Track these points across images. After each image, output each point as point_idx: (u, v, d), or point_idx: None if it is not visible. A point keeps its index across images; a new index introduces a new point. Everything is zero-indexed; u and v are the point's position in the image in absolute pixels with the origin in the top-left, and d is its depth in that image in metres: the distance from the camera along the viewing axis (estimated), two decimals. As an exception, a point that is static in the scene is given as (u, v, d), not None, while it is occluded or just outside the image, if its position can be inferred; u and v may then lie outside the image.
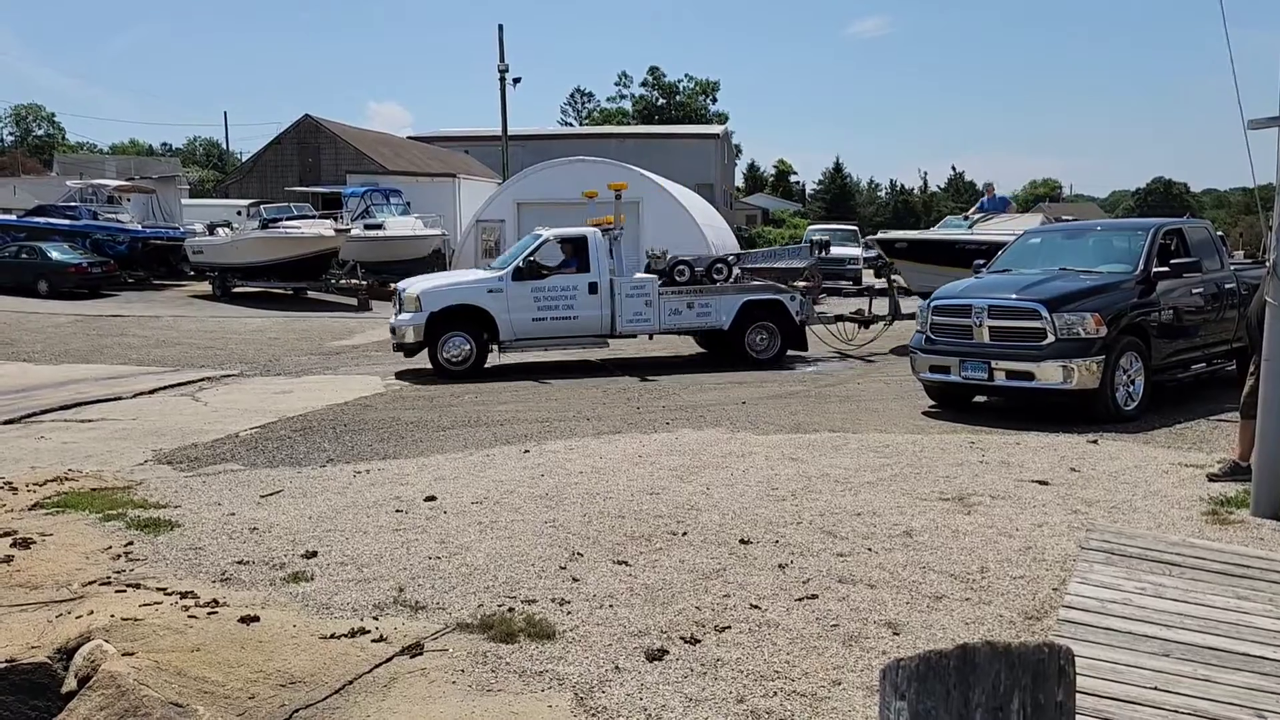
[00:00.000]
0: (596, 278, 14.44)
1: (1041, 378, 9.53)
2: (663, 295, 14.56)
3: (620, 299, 14.46)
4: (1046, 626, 4.58)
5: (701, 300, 14.65)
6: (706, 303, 14.66)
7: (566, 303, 14.38)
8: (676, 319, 14.67)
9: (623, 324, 14.56)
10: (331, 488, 7.56)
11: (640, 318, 14.54)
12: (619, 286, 14.49)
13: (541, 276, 14.37)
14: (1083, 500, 6.72)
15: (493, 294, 14.29)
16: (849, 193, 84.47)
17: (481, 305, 14.26)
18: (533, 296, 14.30)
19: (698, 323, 14.82)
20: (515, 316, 14.29)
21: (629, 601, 4.99)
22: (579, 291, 14.40)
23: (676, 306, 14.60)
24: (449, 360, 14.14)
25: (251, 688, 4.17)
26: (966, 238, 17.36)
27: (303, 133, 41.95)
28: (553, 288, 14.38)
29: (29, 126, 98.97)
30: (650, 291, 14.53)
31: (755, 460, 8.10)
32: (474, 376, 13.90)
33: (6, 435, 10.21)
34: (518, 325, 14.32)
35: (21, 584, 5.49)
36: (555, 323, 14.42)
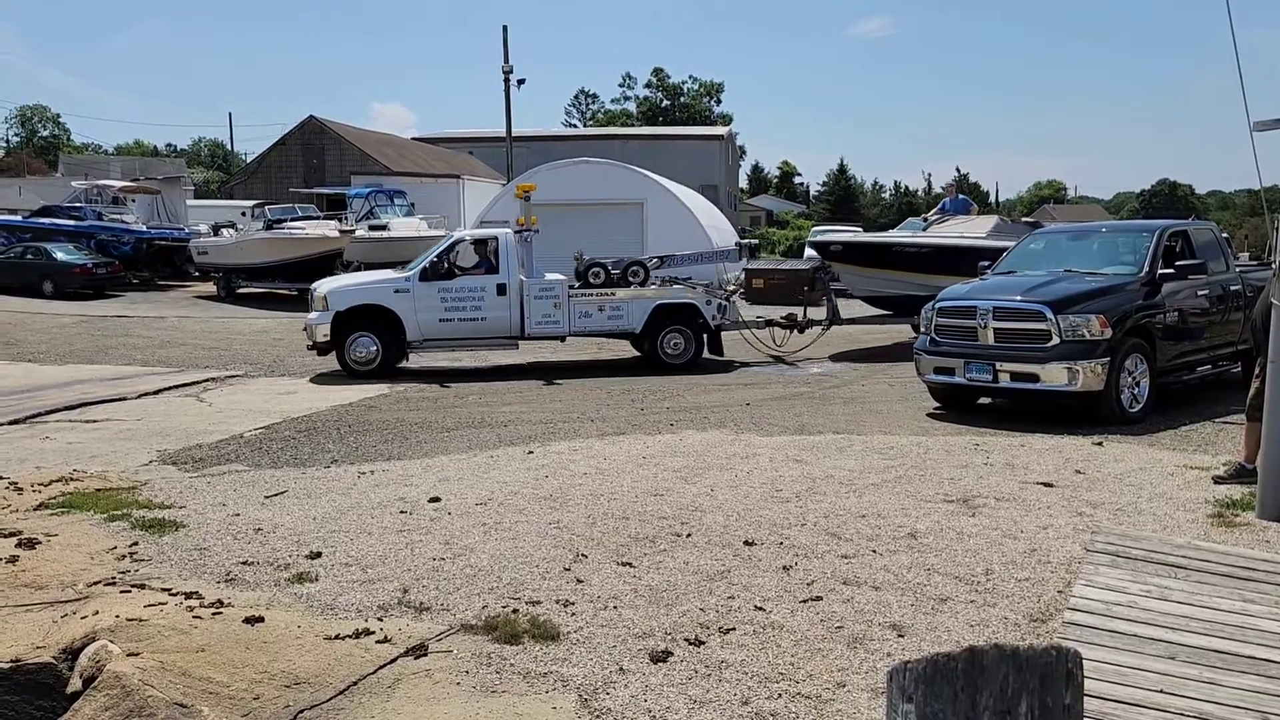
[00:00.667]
0: (505, 279, 14.28)
1: (1046, 379, 9.52)
2: (572, 298, 14.45)
3: (529, 301, 14.31)
4: (1051, 629, 4.57)
5: (613, 303, 14.49)
6: (618, 306, 14.50)
7: (474, 304, 14.25)
8: (587, 321, 14.52)
9: (531, 326, 14.41)
10: (336, 488, 7.56)
11: (549, 320, 14.36)
12: (528, 288, 14.37)
13: (450, 277, 14.31)
14: (1088, 502, 6.71)
15: (399, 294, 14.18)
16: (853, 194, 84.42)
17: (387, 305, 14.14)
18: (440, 297, 14.20)
19: (609, 326, 14.66)
20: (422, 317, 14.17)
21: (633, 603, 4.99)
22: (487, 293, 14.27)
23: (587, 309, 14.46)
24: (355, 361, 14.09)
25: (256, 688, 4.17)
26: (903, 240, 17.09)
27: (307, 134, 42.01)
28: (460, 288, 14.27)
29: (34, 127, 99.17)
30: (560, 294, 14.40)
31: (760, 462, 8.09)
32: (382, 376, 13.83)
33: (12, 435, 10.23)
34: (425, 326, 14.22)
35: (27, 584, 5.49)
36: (463, 324, 14.29)
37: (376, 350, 14.07)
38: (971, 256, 16.08)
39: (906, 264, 16.21)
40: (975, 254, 16.12)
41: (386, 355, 14.12)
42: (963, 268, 16.06)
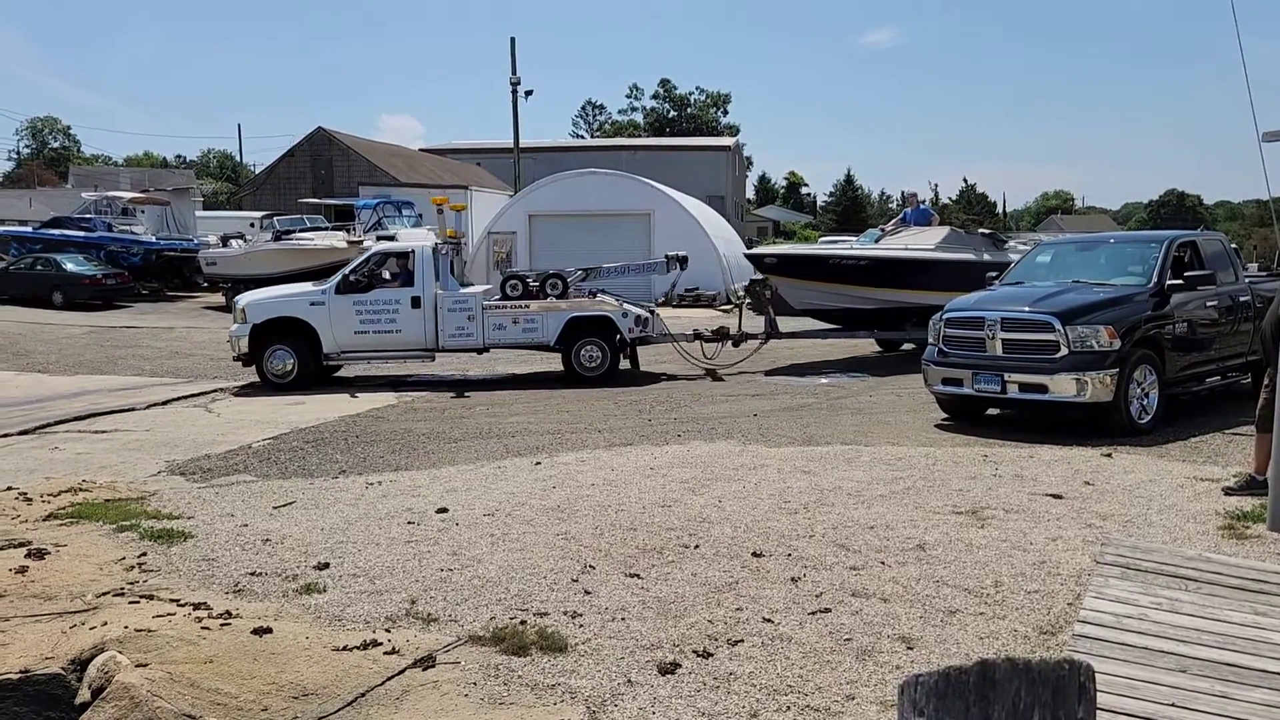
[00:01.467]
0: (419, 292, 14.28)
1: (1055, 390, 9.49)
2: (487, 311, 14.42)
3: (443, 314, 14.32)
4: (1061, 642, 4.55)
5: (527, 316, 14.44)
6: (532, 318, 14.45)
7: (389, 317, 14.28)
8: (501, 334, 14.51)
9: (445, 339, 14.44)
10: (344, 499, 7.57)
11: (463, 333, 14.39)
12: (442, 301, 14.34)
13: (366, 290, 14.36)
14: (1097, 514, 6.68)
15: (315, 307, 14.27)
16: (860, 204, 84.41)
17: (303, 318, 14.23)
18: (355, 310, 14.24)
19: (524, 339, 14.63)
20: (338, 329, 14.24)
21: (641, 614, 4.98)
22: (402, 306, 14.29)
23: (501, 322, 14.45)
24: (273, 373, 14.18)
25: (264, 699, 4.17)
26: (840, 253, 16.83)
27: (316, 145, 42.22)
28: (375, 301, 14.30)
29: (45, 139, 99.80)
30: (473, 307, 14.39)
31: (767, 473, 8.08)
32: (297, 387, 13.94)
33: (21, 446, 10.27)
34: (340, 338, 14.30)
35: (36, 594, 5.50)
36: (378, 336, 14.36)
37: (293, 363, 14.16)
38: (913, 269, 15.99)
39: (844, 277, 15.91)
40: (917, 266, 16.00)
41: (303, 368, 14.17)
42: (907, 280, 15.85)
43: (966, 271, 15.86)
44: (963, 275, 15.80)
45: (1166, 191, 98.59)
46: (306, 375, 14.23)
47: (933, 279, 15.81)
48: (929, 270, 15.92)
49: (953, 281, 15.80)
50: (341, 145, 42.10)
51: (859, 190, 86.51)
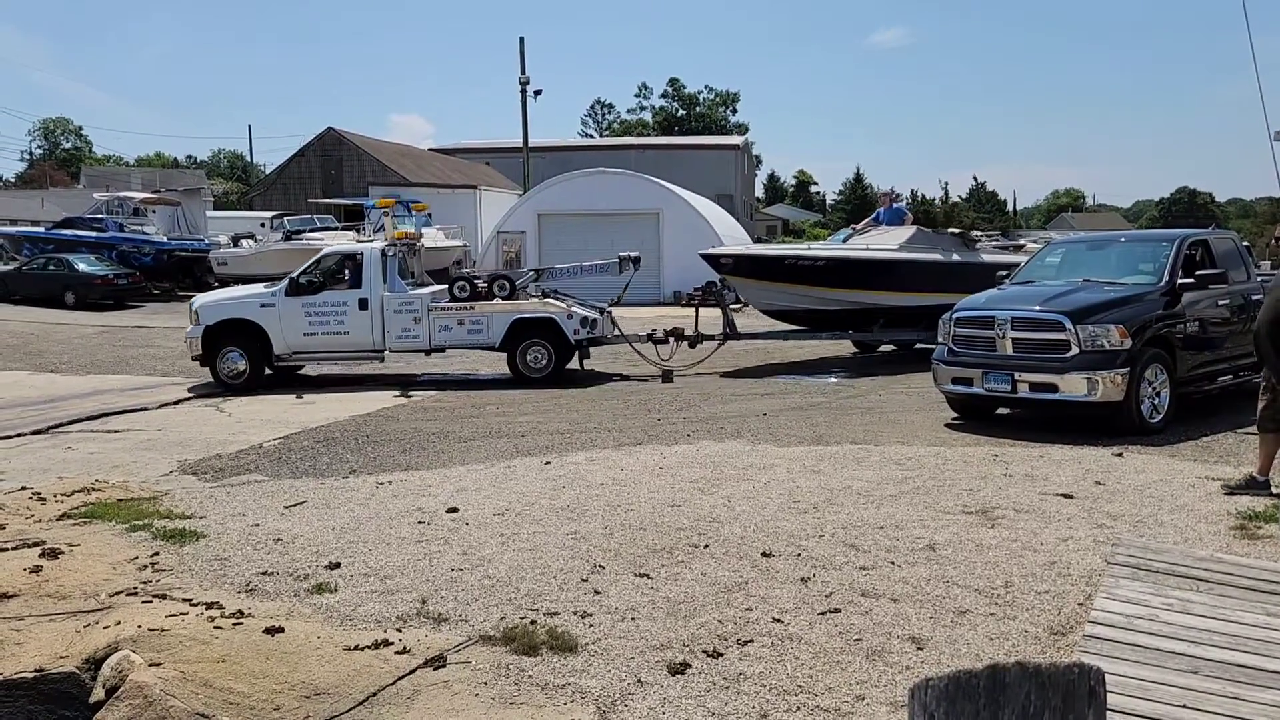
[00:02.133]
0: (367, 294, 14.44)
1: (1066, 390, 9.46)
2: (433, 312, 14.50)
3: (389, 315, 14.45)
4: (1072, 642, 4.54)
5: (473, 317, 14.49)
6: (478, 320, 14.49)
7: (338, 318, 14.44)
8: (447, 335, 14.59)
9: (391, 340, 14.58)
10: (354, 499, 7.60)
11: (409, 334, 14.53)
12: (388, 303, 14.47)
13: (315, 292, 14.51)
14: (1108, 514, 6.67)
15: (265, 309, 14.47)
16: (870, 203, 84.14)
17: (254, 319, 14.43)
18: (304, 311, 14.42)
19: (469, 340, 14.68)
20: (287, 331, 14.42)
21: (651, 614, 4.99)
22: (350, 307, 14.44)
23: (447, 323, 14.52)
24: (225, 375, 14.37)
25: (276, 699, 4.19)
26: (796, 253, 16.56)
27: (326, 145, 42.33)
28: (324, 303, 14.46)
29: (57, 139, 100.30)
30: (419, 308, 14.49)
31: (777, 473, 8.08)
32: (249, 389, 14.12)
33: (35, 445, 10.33)
34: (290, 340, 14.49)
35: (50, 594, 5.54)
36: (327, 338, 14.54)
37: (245, 364, 14.36)
38: (876, 269, 15.76)
39: (803, 278, 15.72)
40: (879, 266, 15.78)
41: (254, 369, 14.38)
42: (871, 281, 15.63)
43: (933, 272, 15.76)
44: (929, 276, 15.72)
45: (1178, 189, 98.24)
46: (258, 376, 14.43)
47: (897, 279, 15.64)
48: (893, 270, 15.73)
49: (919, 282, 15.64)
50: (351, 145, 42.20)
51: (868, 189, 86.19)
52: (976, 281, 15.86)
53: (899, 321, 16.16)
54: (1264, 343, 7.22)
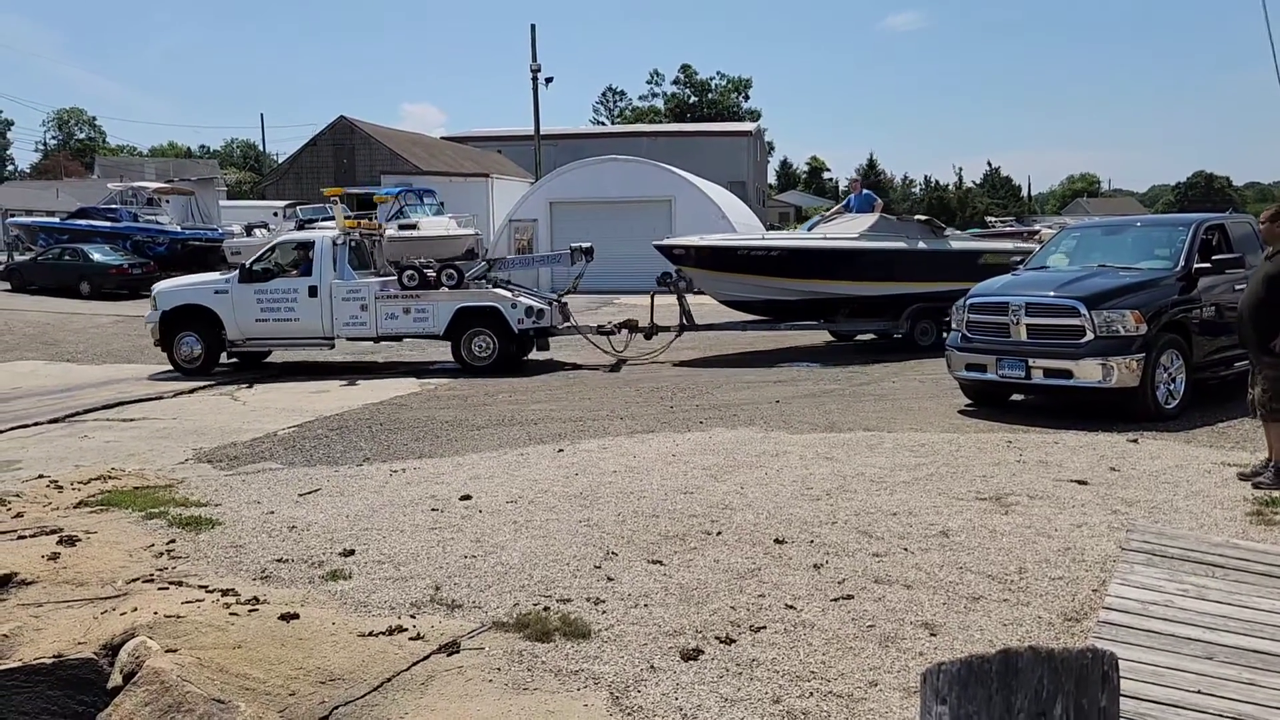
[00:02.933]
0: (317, 281, 14.63)
1: (1080, 376, 9.41)
2: (379, 300, 14.65)
3: (337, 303, 14.64)
4: (1086, 628, 4.53)
5: (419, 306, 14.63)
6: (423, 308, 14.62)
7: (288, 305, 14.67)
8: (393, 323, 14.72)
9: (339, 328, 14.77)
10: (368, 486, 7.63)
11: (357, 321, 14.70)
12: (336, 290, 14.64)
13: (268, 279, 14.77)
14: (1123, 500, 6.64)
15: (219, 295, 14.76)
16: (882, 189, 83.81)
17: (208, 305, 14.75)
18: (256, 298, 14.67)
19: (415, 328, 14.79)
20: (240, 317, 14.70)
21: (664, 601, 5.00)
22: (300, 295, 14.66)
23: (393, 311, 14.64)
24: (182, 359, 14.75)
25: (292, 684, 4.22)
26: (748, 243, 16.34)
27: (338, 134, 42.38)
28: (275, 290, 14.71)
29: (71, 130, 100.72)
30: (366, 296, 14.65)
31: (789, 459, 8.07)
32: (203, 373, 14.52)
33: (52, 434, 10.41)
34: (243, 326, 14.77)
35: (68, 581, 5.59)
36: (278, 324, 14.79)
37: (200, 349, 14.72)
38: (834, 258, 15.55)
39: (759, 268, 15.55)
40: (838, 255, 15.57)
41: (209, 354, 14.78)
42: (831, 270, 15.44)
43: (897, 260, 15.60)
44: (893, 264, 15.58)
45: (1194, 173, 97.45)
46: (213, 362, 14.80)
47: (858, 268, 15.47)
48: (853, 260, 15.54)
49: (882, 271, 15.51)
50: (363, 134, 42.24)
51: (881, 175, 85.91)
52: (944, 270, 15.62)
53: (864, 311, 16.02)
54: (1246, 327, 7.16)
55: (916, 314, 15.63)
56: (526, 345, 15.17)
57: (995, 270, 15.88)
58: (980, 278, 15.70)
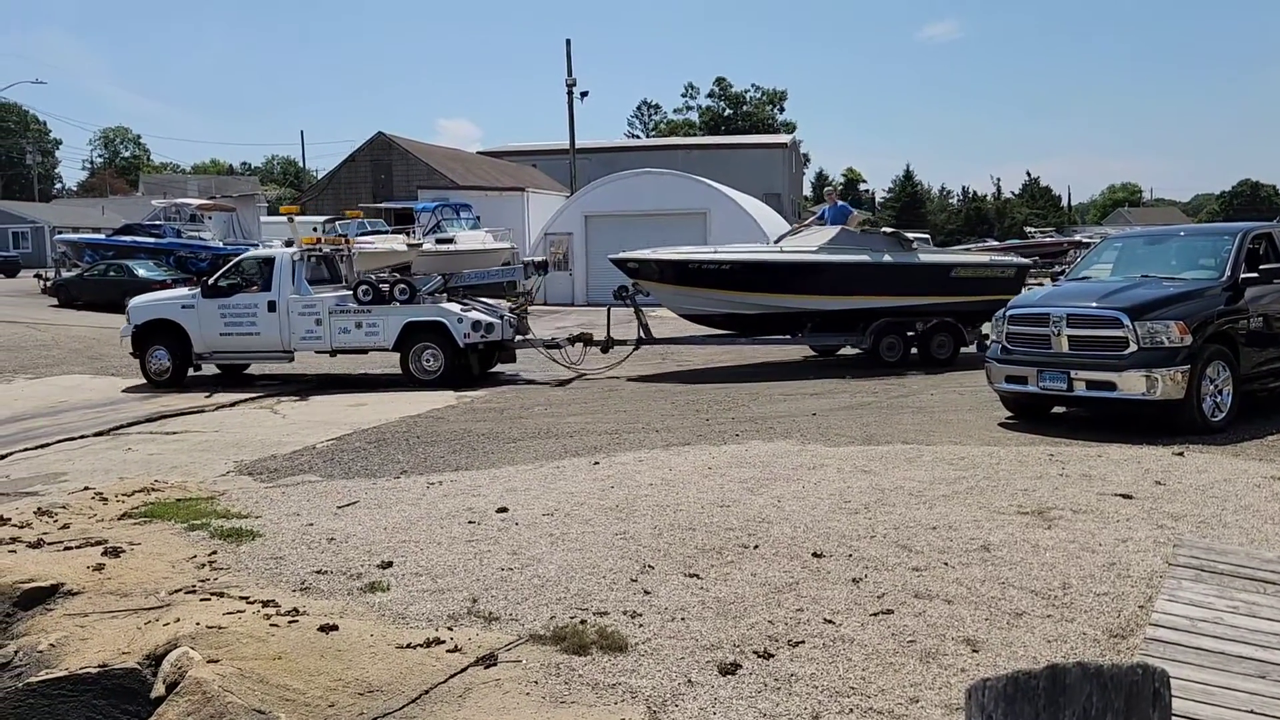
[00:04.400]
0: (275, 296, 14.96)
1: (1124, 388, 9.27)
2: (333, 314, 14.91)
3: (293, 317, 14.95)
4: (1133, 645, 4.44)
5: (370, 320, 14.84)
6: (374, 322, 14.83)
7: (250, 319, 15.05)
8: (346, 337, 14.97)
9: (295, 341, 15.08)
10: (405, 499, 7.67)
11: (312, 335, 15.02)
12: (292, 305, 14.95)
13: (230, 294, 15.15)
14: (1169, 515, 6.51)
15: (186, 309, 15.20)
16: (919, 200, 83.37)
17: (176, 320, 15.16)
18: (220, 313, 15.07)
19: (366, 341, 15.02)
20: (205, 331, 15.10)
21: (701, 614, 4.97)
22: (260, 309, 15.01)
23: (346, 325, 14.90)
24: (152, 372, 15.18)
25: (331, 695, 4.24)
26: (700, 257, 16.09)
27: (376, 150, 42.84)
28: (237, 305, 15.08)
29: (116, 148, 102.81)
30: (320, 311, 14.93)
31: (827, 472, 8.01)
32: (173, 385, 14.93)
33: (97, 447, 10.59)
34: (208, 340, 15.17)
35: (112, 591, 5.67)
36: (240, 338, 15.15)
37: (169, 363, 15.13)
38: (788, 272, 15.37)
39: (715, 281, 15.40)
40: (791, 269, 15.39)
41: (177, 367, 15.14)
42: (789, 284, 15.25)
43: (860, 274, 15.32)
44: (856, 278, 15.29)
45: (1239, 182, 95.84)
46: (181, 375, 15.20)
47: (818, 282, 15.28)
48: (811, 273, 15.36)
49: (844, 284, 15.26)
50: (401, 149, 42.67)
51: (918, 186, 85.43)
52: (912, 284, 15.40)
53: (829, 325, 15.80)
54: None
55: (881, 329, 15.39)
56: (490, 358, 15.50)
57: (968, 284, 15.68)
58: (952, 293, 15.52)
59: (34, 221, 59.69)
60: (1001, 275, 15.97)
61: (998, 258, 17.57)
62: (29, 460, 9.99)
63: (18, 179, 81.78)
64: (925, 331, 15.45)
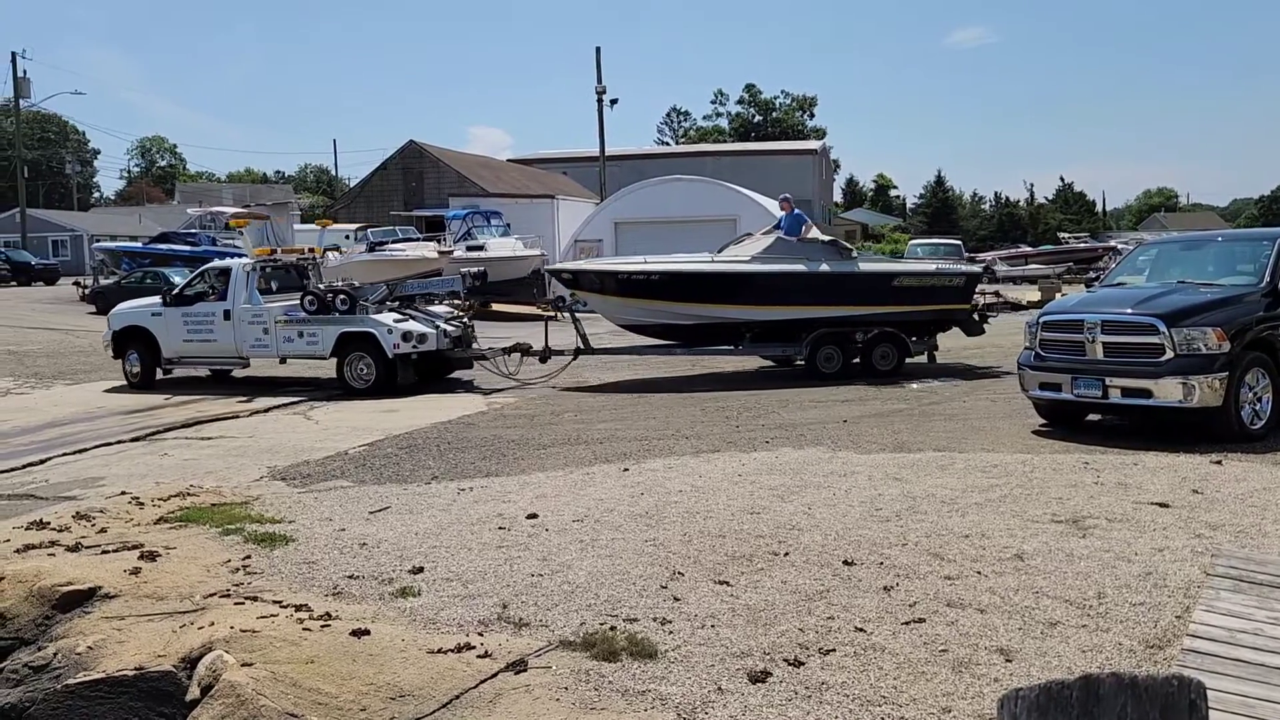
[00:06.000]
0: (230, 306, 15.67)
1: (1160, 395, 9.15)
2: (279, 324, 15.43)
3: (244, 326, 15.63)
4: (1169, 656, 4.37)
5: (309, 329, 15.29)
6: (314, 332, 15.27)
7: (208, 327, 15.82)
8: (290, 345, 15.47)
9: (246, 348, 15.73)
10: (436, 504, 7.72)
11: (260, 343, 15.60)
12: (243, 314, 15.61)
13: (192, 303, 15.92)
14: (1207, 524, 6.41)
15: (155, 317, 16.09)
16: (951, 206, 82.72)
17: (147, 327, 16.10)
18: (183, 321, 15.92)
19: (308, 350, 15.44)
20: (171, 338, 16.00)
21: (731, 622, 4.96)
22: (216, 318, 15.77)
23: (290, 335, 15.40)
24: (129, 374, 16.19)
25: (363, 700, 4.27)
26: (628, 267, 15.96)
27: (408, 158, 43.20)
28: (198, 313, 15.88)
29: (153, 158, 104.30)
30: (267, 320, 15.50)
31: (858, 480, 7.96)
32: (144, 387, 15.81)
33: (134, 452, 10.74)
34: (173, 346, 16.05)
35: (148, 595, 5.75)
36: (200, 345, 15.95)
37: (140, 367, 16.10)
38: (718, 282, 15.21)
39: (642, 292, 15.31)
40: (721, 280, 15.25)
41: (147, 371, 16.11)
42: (719, 294, 15.07)
43: (794, 283, 15.10)
44: (789, 287, 15.08)
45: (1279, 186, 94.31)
46: (151, 377, 16.10)
47: (751, 292, 15.11)
48: (744, 283, 15.18)
49: (779, 294, 15.06)
50: (432, 157, 43.00)
51: (949, 191, 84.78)
52: (851, 294, 15.10)
53: (769, 336, 15.57)
54: None
55: (818, 340, 15.16)
56: (446, 366, 15.96)
57: (911, 294, 15.34)
58: (894, 302, 15.21)
59: (73, 230, 60.77)
60: (948, 285, 15.54)
61: (944, 266, 17.08)
62: (67, 465, 10.15)
63: (57, 188, 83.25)
64: (866, 342, 15.18)
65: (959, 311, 15.73)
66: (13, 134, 60.22)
